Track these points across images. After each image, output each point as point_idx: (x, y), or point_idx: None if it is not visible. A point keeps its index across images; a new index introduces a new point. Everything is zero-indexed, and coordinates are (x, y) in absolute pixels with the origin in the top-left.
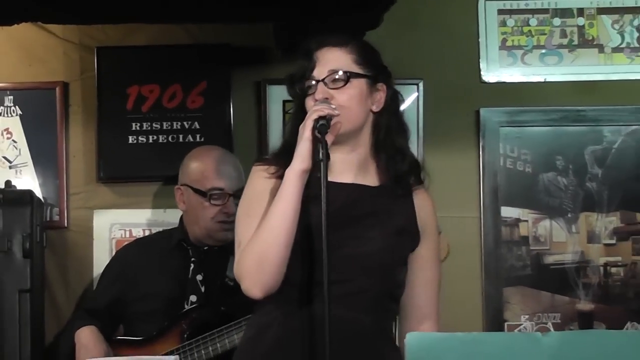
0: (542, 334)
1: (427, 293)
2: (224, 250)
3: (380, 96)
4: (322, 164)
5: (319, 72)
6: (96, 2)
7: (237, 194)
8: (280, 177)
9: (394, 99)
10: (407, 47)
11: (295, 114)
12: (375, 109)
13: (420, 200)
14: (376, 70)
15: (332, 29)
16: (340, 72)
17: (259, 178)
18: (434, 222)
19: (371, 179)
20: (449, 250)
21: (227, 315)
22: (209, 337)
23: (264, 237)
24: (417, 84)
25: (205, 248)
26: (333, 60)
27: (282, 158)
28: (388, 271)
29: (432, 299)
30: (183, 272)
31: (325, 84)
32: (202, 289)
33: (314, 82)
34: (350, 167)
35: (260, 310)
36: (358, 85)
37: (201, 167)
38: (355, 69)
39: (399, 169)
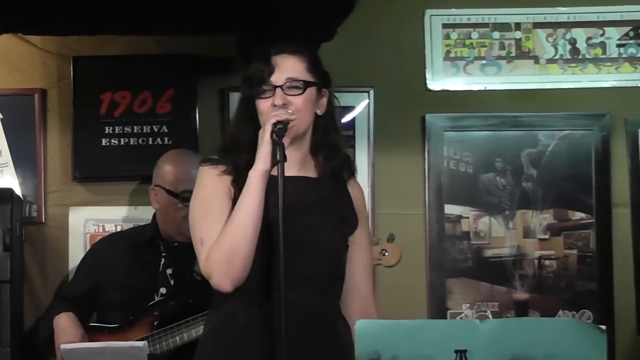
0: (480, 320)
1: (365, 273)
2: (191, 247)
3: (324, 101)
4: (279, 164)
5: (277, 78)
6: (73, 15)
7: None
8: (229, 173)
9: (331, 103)
10: (359, 58)
11: (242, 113)
12: (319, 112)
13: (355, 190)
14: (322, 77)
15: (289, 41)
16: (299, 82)
17: (210, 177)
18: (365, 209)
19: (311, 172)
20: (401, 257)
21: (194, 307)
22: (176, 327)
23: (233, 234)
24: (368, 92)
25: (176, 244)
26: (290, 67)
27: (229, 155)
28: (336, 255)
29: (369, 278)
30: (154, 265)
31: (282, 90)
32: (172, 282)
33: (271, 88)
34: (294, 162)
35: (221, 304)
36: (310, 92)
37: (174, 170)
38: (308, 77)
39: (335, 164)
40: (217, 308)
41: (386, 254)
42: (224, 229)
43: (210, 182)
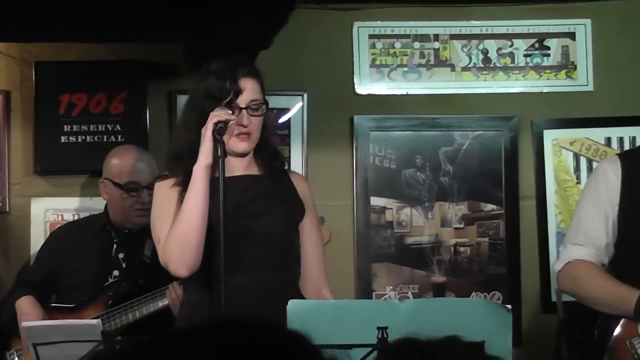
0: (400, 301)
1: (315, 256)
2: (142, 233)
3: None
4: (220, 159)
5: (242, 100)
6: (34, 24)
7: (150, 186)
8: (179, 184)
9: (267, 114)
10: (293, 64)
11: (193, 123)
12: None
13: (297, 179)
14: (264, 94)
15: (231, 49)
16: (260, 103)
17: (163, 191)
18: (310, 197)
19: (255, 171)
20: (330, 237)
21: (144, 287)
22: (129, 305)
23: (183, 225)
24: (302, 95)
25: (126, 231)
26: (251, 89)
27: (178, 168)
28: (286, 237)
29: (320, 260)
30: (107, 250)
31: (247, 111)
32: (124, 265)
33: (235, 107)
34: (240, 164)
35: (188, 291)
36: (264, 111)
37: (119, 163)
38: (262, 96)
39: (273, 161)
40: (185, 296)
41: None
42: (174, 224)
43: (164, 194)
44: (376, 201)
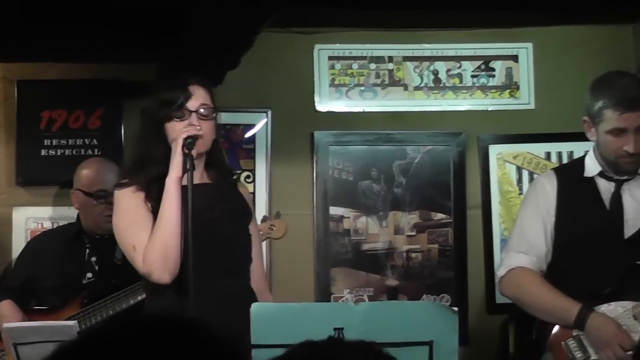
0: (356, 304)
1: (259, 257)
2: (112, 238)
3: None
4: (189, 172)
5: (192, 104)
6: (17, 45)
7: None
8: (140, 190)
9: (217, 126)
10: (259, 83)
11: (153, 132)
12: (214, 135)
13: (244, 190)
14: (215, 107)
15: (201, 69)
16: (210, 108)
17: (126, 197)
18: (251, 204)
19: (207, 179)
20: (286, 230)
21: (116, 287)
22: (102, 304)
23: (162, 235)
24: (266, 112)
25: (97, 237)
26: (201, 96)
27: (140, 171)
28: (243, 242)
29: (262, 261)
30: (80, 255)
31: (197, 114)
32: (96, 267)
33: (186, 112)
34: (196, 174)
35: (159, 295)
36: (214, 118)
37: (88, 174)
38: (212, 104)
39: (225, 171)
40: (156, 300)
41: (274, 228)
42: (153, 233)
43: (127, 200)
44: (335, 210)
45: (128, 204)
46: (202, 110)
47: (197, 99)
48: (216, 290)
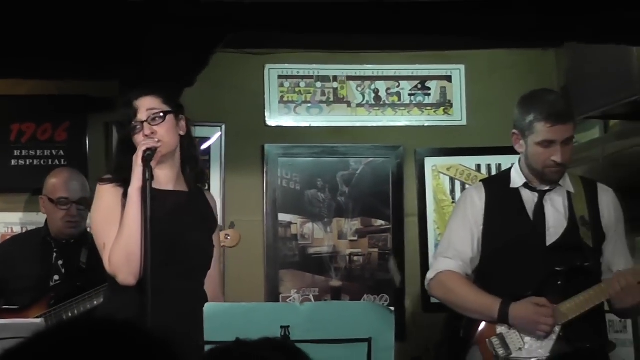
0: (301, 304)
1: (217, 265)
2: (78, 243)
3: (183, 124)
4: (149, 181)
5: (141, 116)
6: None
7: (79, 202)
8: (120, 186)
9: (189, 127)
10: (213, 100)
11: (123, 146)
12: (182, 133)
13: (210, 198)
14: (177, 106)
15: (159, 86)
16: (158, 112)
17: (106, 192)
18: (216, 213)
19: (183, 187)
20: (240, 239)
21: (82, 288)
22: (68, 304)
23: (125, 240)
24: (221, 126)
25: (64, 241)
26: (148, 104)
27: (117, 175)
28: (206, 250)
29: (220, 268)
30: (48, 259)
31: (148, 122)
32: (63, 270)
33: (139, 124)
34: (170, 179)
35: (122, 293)
36: (170, 119)
37: (54, 182)
38: (165, 107)
39: (199, 177)
40: (121, 297)
41: (229, 237)
42: (117, 239)
43: (107, 196)
44: (283, 217)
45: (107, 200)
46: (151, 117)
47: (143, 109)
48: (172, 291)
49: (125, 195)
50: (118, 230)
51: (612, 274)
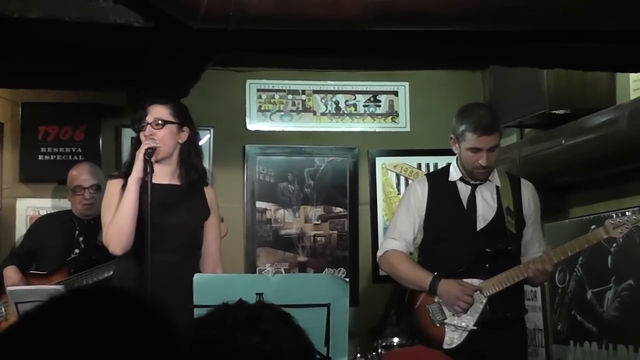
0: (273, 275)
1: (214, 244)
2: (96, 223)
3: (184, 135)
4: (149, 174)
5: (149, 118)
6: (22, 76)
7: (91, 188)
8: (122, 180)
9: (194, 137)
10: (204, 107)
11: (135, 143)
12: (180, 141)
13: (209, 193)
14: (182, 119)
15: (159, 97)
16: (161, 120)
17: (111, 185)
18: (216, 203)
19: (177, 181)
20: (227, 232)
21: (97, 261)
22: (84, 274)
23: (118, 219)
24: (210, 130)
25: (85, 221)
26: (157, 112)
27: (126, 171)
28: (194, 232)
29: (218, 247)
30: (71, 235)
31: (151, 125)
32: (82, 245)
33: (145, 125)
34: (166, 173)
35: (124, 264)
36: (169, 128)
37: (72, 174)
38: (170, 118)
39: (192, 176)
40: (122, 266)
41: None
42: (113, 219)
43: (112, 188)
44: (260, 204)
45: (111, 190)
46: (154, 122)
47: (153, 114)
48: (164, 263)
49: (124, 187)
50: (115, 212)
51: (529, 255)
